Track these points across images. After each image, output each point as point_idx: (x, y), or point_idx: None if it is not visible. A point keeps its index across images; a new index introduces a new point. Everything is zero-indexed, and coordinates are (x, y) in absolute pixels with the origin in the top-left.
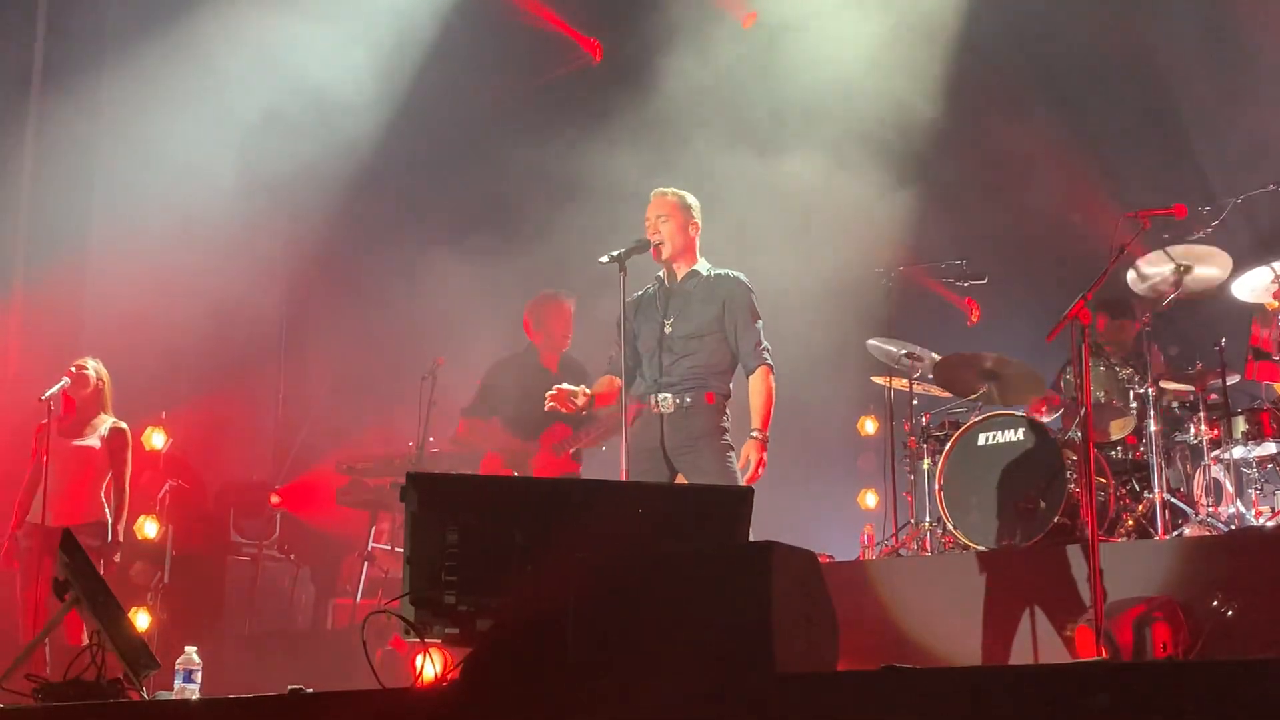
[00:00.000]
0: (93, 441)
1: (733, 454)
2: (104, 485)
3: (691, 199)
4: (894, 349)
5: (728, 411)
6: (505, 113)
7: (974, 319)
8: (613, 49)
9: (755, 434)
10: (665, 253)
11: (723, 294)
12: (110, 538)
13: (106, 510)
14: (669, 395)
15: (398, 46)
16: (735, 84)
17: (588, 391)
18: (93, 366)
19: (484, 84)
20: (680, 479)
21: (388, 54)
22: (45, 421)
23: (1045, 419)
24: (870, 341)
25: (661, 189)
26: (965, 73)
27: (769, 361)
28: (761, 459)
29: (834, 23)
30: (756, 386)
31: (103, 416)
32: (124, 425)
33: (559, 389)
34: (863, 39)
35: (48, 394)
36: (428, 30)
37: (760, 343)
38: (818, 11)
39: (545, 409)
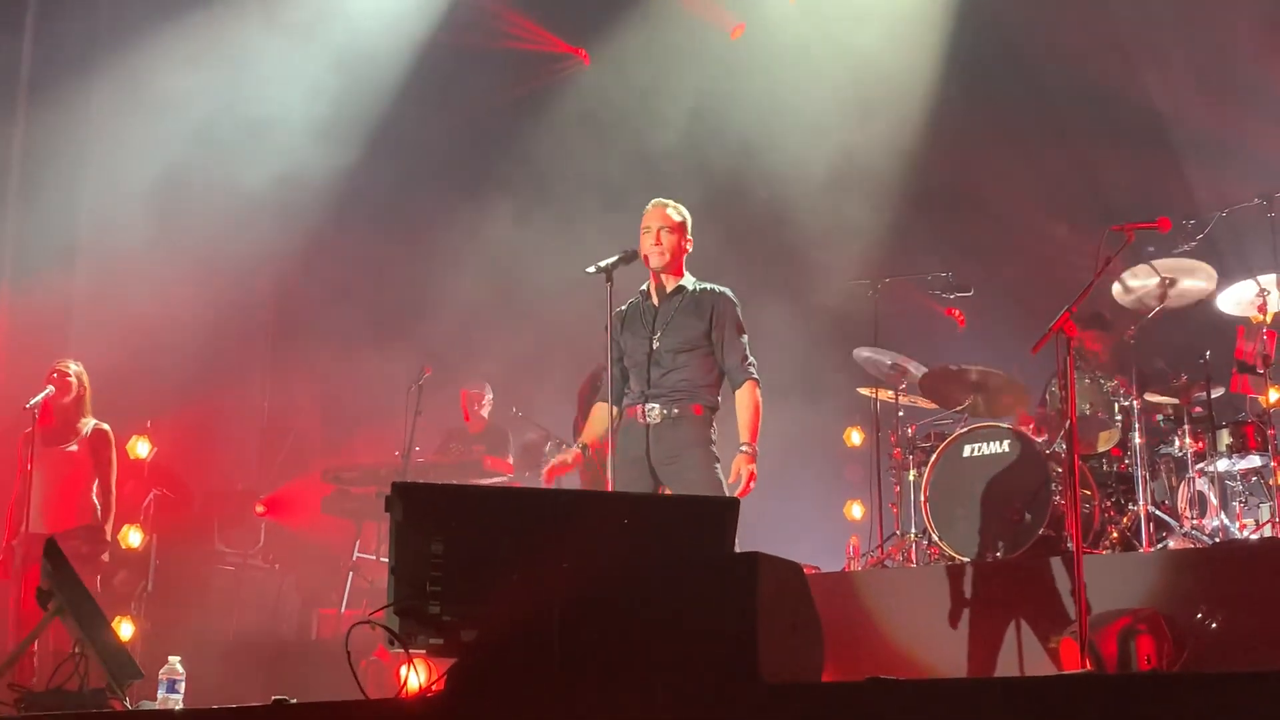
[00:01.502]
0: (76, 446)
1: (719, 465)
2: (92, 488)
3: (688, 213)
4: (881, 359)
5: (715, 424)
6: (489, 123)
7: (961, 326)
8: (597, 60)
9: (745, 448)
10: (659, 264)
11: (709, 308)
12: (100, 539)
13: (96, 513)
14: (656, 406)
15: (385, 57)
16: (721, 97)
17: (577, 449)
18: (74, 371)
19: (468, 93)
20: (665, 490)
21: (374, 65)
22: (30, 430)
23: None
24: (856, 351)
25: (662, 200)
26: (952, 85)
27: (755, 376)
28: (752, 473)
29: (820, 38)
30: (743, 400)
31: (85, 420)
32: (105, 426)
33: (548, 472)
34: (850, 53)
35: (33, 402)
36: (414, 40)
37: (746, 357)
38: (804, 27)
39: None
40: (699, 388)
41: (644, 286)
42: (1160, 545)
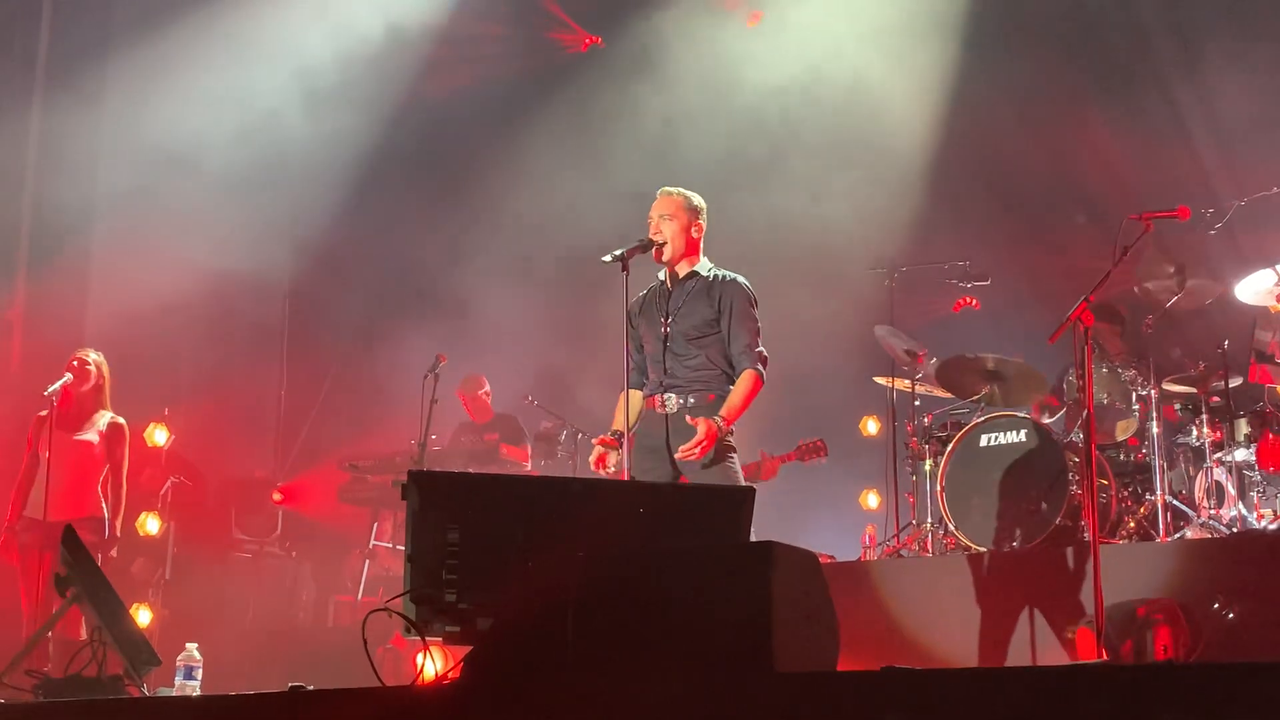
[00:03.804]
0: (91, 436)
1: (734, 455)
2: (101, 480)
3: (697, 199)
4: (898, 341)
5: None
6: (508, 105)
7: (976, 307)
8: (615, 45)
9: (718, 417)
10: (666, 254)
11: (719, 294)
12: (108, 533)
13: (104, 505)
14: (673, 395)
15: (400, 40)
16: (736, 82)
17: (614, 440)
18: (93, 360)
19: (487, 76)
20: (684, 479)
21: (390, 48)
22: (43, 415)
23: (1046, 419)
24: (877, 329)
25: (667, 188)
26: (969, 72)
27: (757, 367)
28: (707, 444)
29: (836, 21)
30: (738, 383)
31: (101, 411)
32: (122, 420)
33: (595, 463)
34: (868, 39)
35: (51, 389)
36: (434, 21)
37: (752, 346)
38: (820, 9)
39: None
40: (715, 376)
41: (661, 273)
42: (1177, 535)
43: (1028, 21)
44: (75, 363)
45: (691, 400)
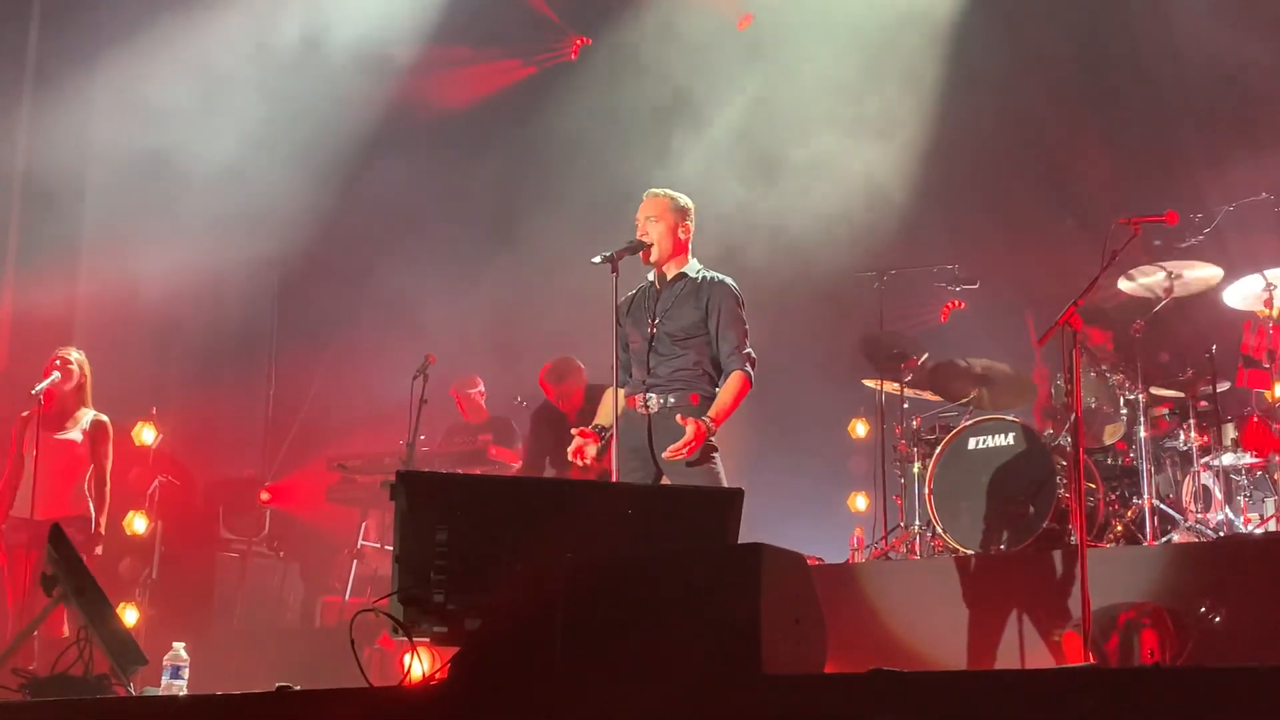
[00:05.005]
0: (75, 435)
1: (717, 456)
2: (86, 478)
3: (685, 200)
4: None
5: None
6: (499, 108)
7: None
8: (607, 46)
9: (706, 418)
10: (653, 255)
11: (707, 296)
12: (93, 530)
13: (90, 503)
14: (654, 395)
15: (394, 40)
16: (727, 84)
17: (595, 434)
18: (76, 359)
19: (476, 78)
20: (665, 480)
21: (383, 44)
22: (26, 414)
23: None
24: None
25: (654, 189)
26: (959, 75)
27: (745, 368)
28: (694, 444)
29: (827, 23)
30: (725, 385)
31: (84, 410)
32: (105, 418)
33: (573, 452)
34: (858, 42)
35: (38, 389)
36: (423, 25)
37: (740, 347)
38: (812, 18)
39: (574, 465)
40: (696, 377)
41: (650, 274)
42: (1164, 539)
43: (1018, 27)
44: (58, 361)
45: (672, 400)
